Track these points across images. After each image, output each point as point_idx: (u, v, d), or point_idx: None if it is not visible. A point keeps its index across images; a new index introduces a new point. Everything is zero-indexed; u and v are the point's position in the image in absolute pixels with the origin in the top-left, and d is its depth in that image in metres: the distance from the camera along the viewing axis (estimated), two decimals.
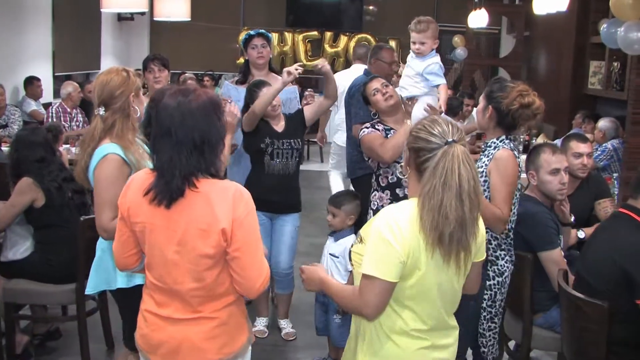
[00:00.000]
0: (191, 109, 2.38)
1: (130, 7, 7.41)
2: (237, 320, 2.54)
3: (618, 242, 3.05)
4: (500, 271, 3.46)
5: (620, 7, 4.70)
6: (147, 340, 2.54)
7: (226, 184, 2.44)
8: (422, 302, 2.33)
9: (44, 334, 4.62)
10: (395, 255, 2.24)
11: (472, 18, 10.39)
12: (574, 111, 8.57)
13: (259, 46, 4.98)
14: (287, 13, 13.61)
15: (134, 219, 2.45)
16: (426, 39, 4.00)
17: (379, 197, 4.11)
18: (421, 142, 2.31)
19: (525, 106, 3.27)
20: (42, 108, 9.05)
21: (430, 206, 2.21)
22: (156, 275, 2.47)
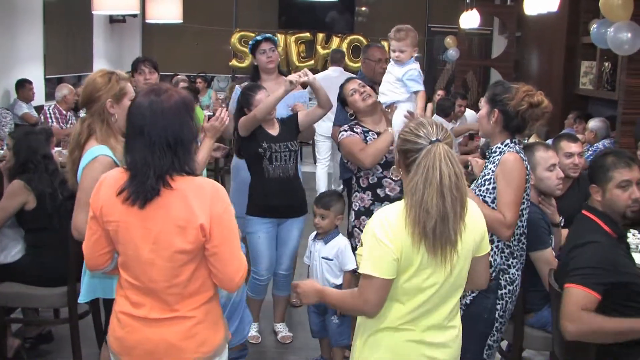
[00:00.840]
0: (163, 108, 2.38)
1: (122, 9, 7.37)
2: (213, 319, 2.54)
3: None
4: (512, 279, 3.34)
5: (610, 8, 4.72)
6: (122, 343, 2.51)
7: (202, 180, 2.45)
8: (414, 296, 2.43)
9: (36, 337, 4.61)
10: (389, 253, 2.36)
11: (463, 19, 10.41)
12: (565, 111, 8.59)
13: (267, 51, 4.95)
14: (280, 14, 13.61)
15: (107, 218, 2.43)
16: (405, 47, 3.98)
17: (360, 197, 4.13)
18: (408, 144, 2.43)
19: (534, 105, 3.19)
20: (34, 111, 9.03)
21: (413, 202, 2.33)
22: (131, 274, 2.46)
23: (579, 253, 3.02)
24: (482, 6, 10.82)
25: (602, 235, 3.11)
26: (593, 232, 3.11)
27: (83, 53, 11.83)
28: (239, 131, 4.43)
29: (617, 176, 3.11)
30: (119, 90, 3.20)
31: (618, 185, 3.12)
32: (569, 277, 2.97)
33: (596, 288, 2.89)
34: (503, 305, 3.33)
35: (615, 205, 3.14)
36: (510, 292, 3.34)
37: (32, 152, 4.22)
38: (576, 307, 2.86)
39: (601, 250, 3.01)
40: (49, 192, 4.18)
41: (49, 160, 4.32)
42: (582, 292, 2.90)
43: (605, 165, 3.15)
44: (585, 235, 3.09)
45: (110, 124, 3.19)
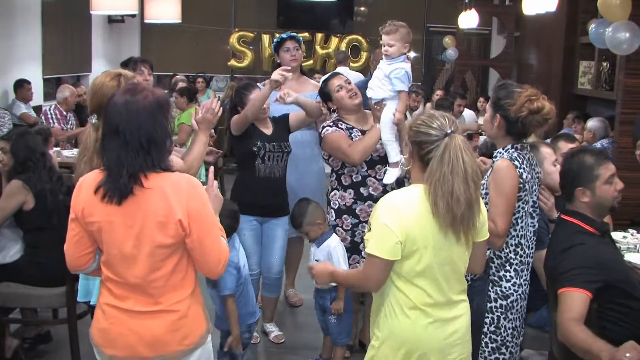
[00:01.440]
0: (138, 108, 2.43)
1: (121, 9, 7.39)
2: (196, 312, 2.60)
3: None
4: (505, 294, 3.20)
5: (608, 8, 4.72)
6: (106, 335, 2.55)
7: (178, 176, 2.50)
8: (428, 279, 2.61)
9: (34, 337, 4.61)
10: (392, 236, 2.54)
11: (462, 19, 10.42)
12: (564, 111, 8.58)
13: (292, 49, 4.99)
14: (278, 14, 13.59)
15: (88, 219, 2.47)
16: (394, 41, 3.91)
17: (341, 196, 4.12)
18: (422, 135, 2.58)
19: (534, 112, 3.09)
20: (32, 111, 9.02)
21: (443, 192, 2.49)
22: (114, 271, 2.51)
23: (565, 257, 3.02)
24: (481, 6, 10.82)
25: (586, 235, 3.11)
26: (576, 234, 3.11)
27: (81, 53, 11.81)
28: (232, 130, 4.43)
29: (604, 172, 3.11)
30: None
31: (607, 181, 3.11)
32: (560, 283, 2.97)
33: (586, 286, 2.88)
34: (494, 319, 3.21)
35: (605, 201, 3.13)
36: (503, 307, 3.20)
37: (31, 150, 4.23)
38: (567, 316, 2.86)
39: (587, 251, 3.01)
40: (49, 188, 4.19)
41: (46, 158, 4.32)
42: (573, 294, 2.88)
43: (588, 165, 3.13)
44: (570, 239, 3.09)
45: None
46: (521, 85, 3.24)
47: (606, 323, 2.96)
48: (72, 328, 4.14)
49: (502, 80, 3.65)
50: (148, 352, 2.50)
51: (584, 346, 2.76)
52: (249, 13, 13.80)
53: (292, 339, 4.88)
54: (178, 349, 2.53)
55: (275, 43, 5.10)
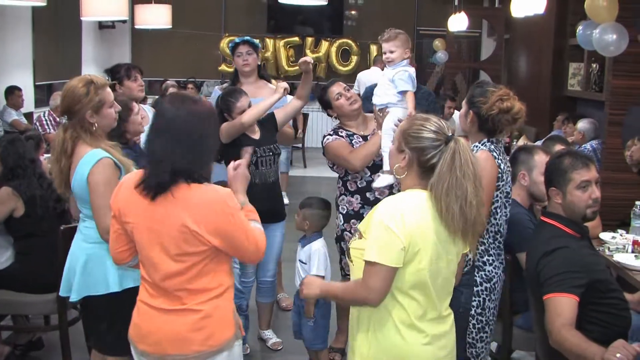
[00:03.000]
0: (197, 113, 2.53)
1: (111, 15, 7.40)
2: (223, 314, 2.62)
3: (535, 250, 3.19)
4: (489, 277, 3.36)
5: (595, 9, 4.75)
6: (138, 330, 2.65)
7: (206, 189, 2.53)
8: (421, 290, 2.48)
9: (26, 344, 4.59)
10: (397, 242, 2.39)
11: (452, 21, 10.44)
12: (554, 112, 8.63)
13: (244, 54, 4.96)
14: (268, 19, 13.62)
15: (124, 219, 2.58)
16: (395, 47, 3.93)
17: (348, 201, 4.13)
18: (425, 140, 2.47)
19: (504, 111, 3.24)
20: (24, 118, 9.02)
21: (457, 196, 2.40)
22: (146, 271, 2.62)
23: (548, 262, 3.03)
24: (470, 9, 10.85)
25: (567, 238, 3.13)
26: (556, 238, 3.13)
27: (72, 59, 11.80)
28: (221, 137, 4.37)
29: (577, 177, 3.13)
30: (98, 102, 3.21)
31: (578, 187, 3.13)
32: (546, 288, 2.98)
33: (573, 291, 2.91)
34: (480, 302, 3.35)
35: (576, 207, 3.15)
36: (487, 289, 3.35)
37: (20, 157, 4.23)
38: (557, 322, 2.88)
39: (570, 254, 3.03)
40: (39, 194, 4.19)
41: (36, 165, 4.33)
42: (561, 299, 2.91)
43: (563, 167, 3.16)
44: (550, 243, 3.10)
45: (93, 131, 3.22)
46: (496, 85, 3.41)
47: (586, 324, 2.97)
48: (63, 334, 4.12)
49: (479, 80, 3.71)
50: (172, 349, 2.56)
51: (578, 351, 2.77)
52: (239, 18, 13.83)
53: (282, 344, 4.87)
54: (201, 349, 2.56)
55: (230, 48, 5.06)
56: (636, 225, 4.48)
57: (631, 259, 4.02)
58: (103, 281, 3.22)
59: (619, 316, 3.09)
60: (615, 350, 2.63)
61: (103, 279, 3.22)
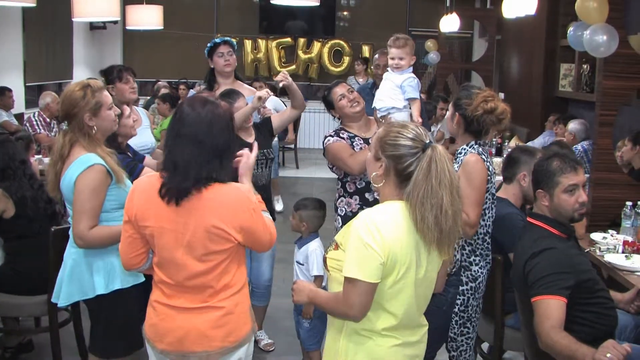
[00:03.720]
0: (219, 117, 2.56)
1: (102, 16, 7.38)
2: (242, 310, 2.69)
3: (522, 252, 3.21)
4: (474, 277, 3.48)
5: (586, 10, 4.75)
6: (156, 330, 2.68)
7: (228, 188, 2.57)
8: (398, 301, 2.42)
9: (16, 346, 4.57)
10: (376, 257, 2.33)
11: (444, 22, 10.45)
12: (545, 113, 8.66)
13: (225, 54, 4.89)
14: (261, 20, 13.61)
15: (142, 223, 2.59)
16: (405, 55, 4.00)
17: (347, 202, 4.11)
18: (402, 148, 2.40)
19: (488, 112, 3.33)
20: (14, 119, 8.98)
21: (432, 205, 2.32)
22: (166, 273, 2.63)
23: (536, 263, 3.05)
24: (462, 10, 10.86)
25: (553, 239, 3.14)
26: (543, 239, 3.14)
27: (63, 60, 11.77)
28: None
29: (564, 181, 3.14)
30: (95, 104, 3.21)
31: (565, 190, 3.14)
32: (534, 290, 3.00)
33: (562, 292, 2.93)
34: (464, 300, 3.47)
35: (563, 210, 3.16)
36: (472, 288, 3.47)
37: (10, 158, 4.21)
38: (547, 324, 2.89)
39: (557, 255, 3.04)
40: (30, 195, 4.17)
41: (26, 166, 4.31)
42: (550, 301, 2.92)
43: (552, 170, 3.17)
44: (537, 244, 3.12)
45: (92, 135, 3.22)
46: (482, 87, 3.54)
47: (573, 325, 2.98)
48: (54, 336, 4.10)
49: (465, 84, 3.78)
50: (194, 346, 2.61)
51: (568, 353, 2.79)
52: (231, 19, 13.82)
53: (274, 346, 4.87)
54: (223, 345, 2.62)
55: (208, 48, 4.96)
56: (627, 226, 4.49)
57: (622, 260, 4.03)
58: (90, 285, 3.22)
59: (606, 315, 3.11)
60: (605, 350, 2.65)
61: (89, 283, 3.22)
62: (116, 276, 3.22)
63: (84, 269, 3.21)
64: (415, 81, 4.01)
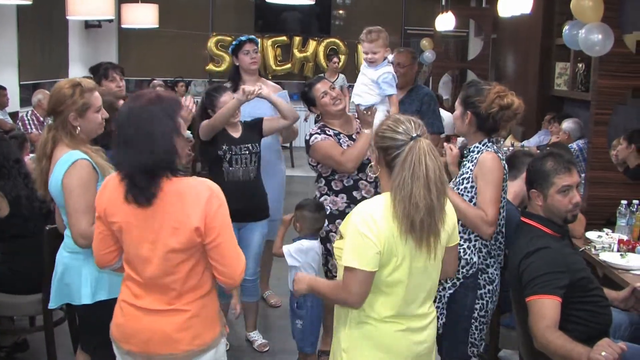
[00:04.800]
0: (139, 112, 2.50)
1: (97, 15, 7.35)
2: (209, 314, 2.65)
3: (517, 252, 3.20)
4: (491, 279, 3.36)
5: (581, 9, 4.75)
6: (122, 330, 2.66)
7: (196, 182, 2.57)
8: (397, 288, 2.52)
9: (11, 346, 4.56)
10: (372, 246, 2.44)
11: (439, 21, 10.46)
12: (541, 112, 8.66)
13: (251, 52, 5.00)
14: (256, 18, 13.60)
15: (110, 219, 2.58)
16: (378, 48, 3.98)
17: (332, 200, 4.10)
18: (388, 140, 2.51)
19: (505, 107, 3.24)
20: (9, 117, 8.95)
21: (402, 197, 2.41)
22: (133, 269, 2.61)
23: (530, 262, 3.05)
24: (458, 8, 10.88)
25: (547, 239, 3.15)
26: (537, 238, 3.15)
27: (58, 58, 11.74)
28: (200, 135, 4.39)
29: (558, 182, 3.14)
30: (82, 105, 3.16)
31: (559, 191, 3.14)
32: (528, 290, 3.00)
33: (556, 292, 2.94)
34: (484, 304, 3.35)
35: (556, 210, 3.17)
36: (490, 291, 3.36)
37: (4, 157, 4.20)
38: (542, 324, 2.90)
39: (551, 255, 3.05)
40: (25, 194, 4.16)
41: (21, 165, 4.29)
42: (545, 301, 2.93)
43: (546, 171, 3.17)
44: (532, 243, 3.12)
45: (74, 135, 3.18)
46: (488, 82, 3.41)
47: (568, 324, 2.98)
48: (48, 336, 4.10)
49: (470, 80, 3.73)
50: (160, 349, 2.58)
51: (564, 352, 2.79)
52: (226, 17, 13.80)
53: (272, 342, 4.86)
54: (188, 349, 2.59)
55: (233, 46, 5.05)
56: (622, 224, 4.50)
57: (617, 258, 4.04)
58: (77, 292, 3.20)
59: (600, 314, 3.11)
60: (600, 349, 2.65)
61: (77, 290, 3.20)
62: (104, 286, 3.20)
63: (74, 275, 3.21)
64: (391, 76, 3.99)
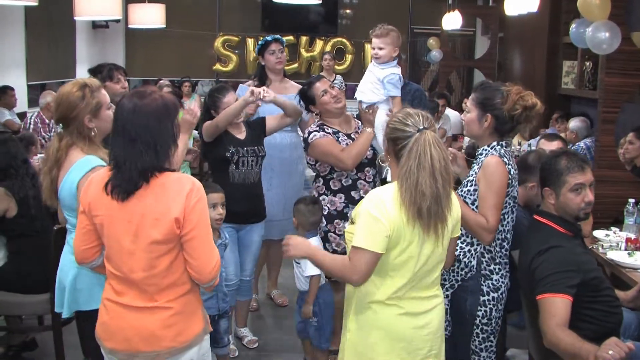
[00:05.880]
0: (147, 109, 2.55)
1: (104, 15, 7.37)
2: (192, 310, 2.67)
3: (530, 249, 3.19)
4: (496, 286, 3.29)
5: (588, 7, 4.76)
6: (106, 328, 2.67)
7: (180, 175, 2.62)
8: (403, 271, 2.65)
9: (20, 345, 4.59)
10: (383, 229, 2.58)
11: (446, 20, 10.43)
12: (548, 111, 8.62)
13: (277, 51, 5.05)
14: (263, 18, 13.58)
15: (94, 213, 2.61)
16: (384, 45, 3.96)
17: (330, 201, 4.10)
18: (397, 132, 2.67)
19: (529, 108, 3.19)
20: (17, 118, 8.98)
21: (408, 185, 2.55)
22: (114, 265, 2.63)
23: (542, 261, 3.04)
24: (464, 7, 10.85)
25: (560, 237, 3.13)
26: (550, 236, 3.14)
27: (66, 59, 11.76)
28: (203, 136, 4.37)
29: (571, 180, 3.13)
30: (96, 105, 3.14)
31: (572, 189, 3.13)
32: (540, 288, 2.99)
33: (568, 291, 2.92)
34: (487, 312, 3.29)
35: (569, 208, 3.16)
36: (494, 299, 3.29)
37: (12, 158, 4.21)
38: (552, 322, 2.89)
39: (563, 254, 3.03)
40: (32, 194, 4.17)
41: (28, 165, 4.31)
42: (556, 299, 2.92)
43: (559, 170, 3.15)
44: (544, 241, 3.11)
45: (92, 138, 3.15)
46: (502, 83, 3.34)
47: (578, 322, 2.98)
48: (57, 335, 4.12)
49: (480, 81, 3.67)
50: (143, 346, 2.60)
51: (573, 350, 2.79)
52: (233, 17, 13.80)
53: (274, 341, 4.87)
54: (172, 345, 2.61)
55: (260, 45, 5.10)
56: (629, 223, 4.50)
57: (624, 257, 4.03)
58: (91, 297, 3.13)
59: (611, 313, 3.10)
60: (607, 347, 2.65)
61: (91, 295, 3.13)
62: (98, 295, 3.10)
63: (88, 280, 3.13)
64: (397, 77, 3.98)
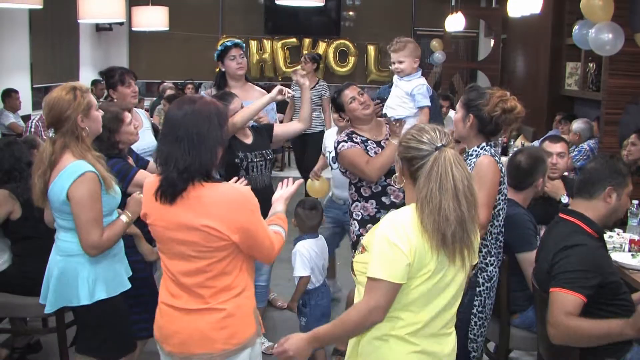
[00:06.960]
0: (196, 111, 2.58)
1: (108, 18, 7.40)
2: (245, 313, 2.68)
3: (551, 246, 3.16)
4: (490, 277, 3.49)
5: (591, 9, 4.76)
6: (162, 331, 2.73)
7: (225, 187, 2.64)
8: (423, 304, 2.39)
9: (24, 347, 4.59)
10: (403, 257, 2.30)
11: (449, 22, 10.45)
12: (551, 112, 8.63)
13: (237, 57, 4.87)
14: (266, 20, 13.61)
15: (148, 220, 2.69)
16: (404, 58, 3.96)
17: (363, 206, 4.06)
18: (413, 151, 2.40)
19: (508, 111, 3.31)
20: (21, 120, 9.01)
21: (430, 209, 2.29)
22: (168, 268, 2.69)
23: (565, 256, 3.00)
24: (467, 9, 10.86)
25: (586, 237, 3.10)
26: (577, 234, 3.10)
27: (70, 62, 11.80)
28: None
29: (630, 185, 3.16)
30: (87, 105, 3.17)
31: (628, 194, 3.17)
32: (555, 281, 2.96)
33: (583, 291, 2.88)
34: (482, 301, 3.47)
35: (620, 211, 3.18)
36: (488, 288, 3.49)
37: (16, 160, 4.22)
38: (561, 313, 2.86)
39: (588, 253, 2.99)
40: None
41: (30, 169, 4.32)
42: (568, 296, 2.88)
43: (623, 172, 3.15)
44: (570, 238, 3.07)
45: (84, 138, 3.18)
46: (490, 87, 3.50)
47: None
48: (61, 337, 4.11)
49: (471, 84, 3.71)
50: (197, 348, 2.63)
51: (599, 332, 2.76)
52: (236, 19, 13.83)
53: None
54: (224, 348, 2.62)
55: (219, 51, 4.93)
56: (633, 224, 4.49)
57: (628, 258, 4.02)
58: (74, 294, 3.20)
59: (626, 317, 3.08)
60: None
61: (74, 292, 3.20)
62: (102, 286, 3.22)
63: (70, 278, 3.21)
64: (425, 87, 3.97)
